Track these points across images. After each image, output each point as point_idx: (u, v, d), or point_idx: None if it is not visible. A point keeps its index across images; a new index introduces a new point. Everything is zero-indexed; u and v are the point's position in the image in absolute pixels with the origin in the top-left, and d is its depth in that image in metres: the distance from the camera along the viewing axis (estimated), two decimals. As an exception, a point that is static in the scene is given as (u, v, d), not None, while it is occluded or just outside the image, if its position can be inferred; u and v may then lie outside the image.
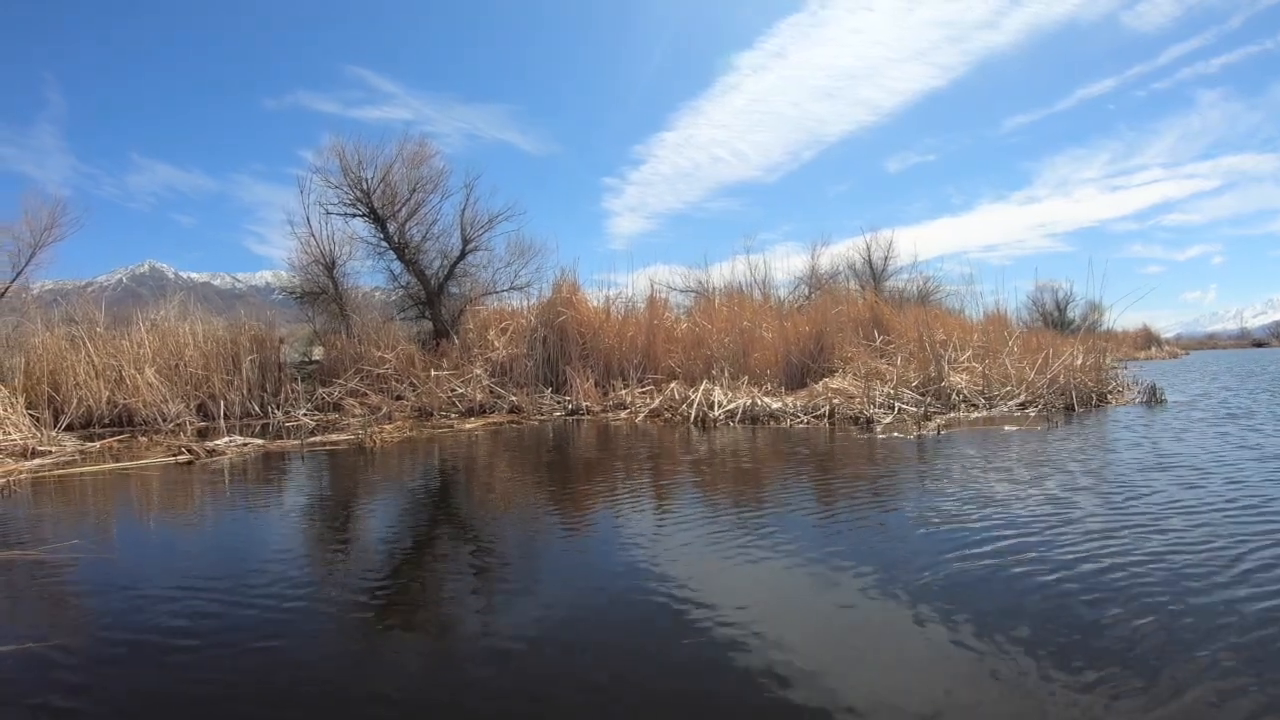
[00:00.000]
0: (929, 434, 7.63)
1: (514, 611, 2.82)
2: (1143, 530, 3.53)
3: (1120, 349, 31.23)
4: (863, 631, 2.49)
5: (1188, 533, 3.45)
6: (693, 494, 5.07)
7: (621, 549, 3.62)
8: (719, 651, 2.32)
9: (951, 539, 3.51)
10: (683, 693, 2.08)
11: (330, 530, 4.44)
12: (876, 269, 23.69)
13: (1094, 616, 2.50)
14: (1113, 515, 3.85)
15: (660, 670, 2.24)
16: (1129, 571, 2.94)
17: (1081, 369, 10.95)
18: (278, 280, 17.09)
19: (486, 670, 2.28)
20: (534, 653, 2.39)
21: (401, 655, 2.47)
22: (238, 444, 7.93)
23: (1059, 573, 2.96)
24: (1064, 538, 3.46)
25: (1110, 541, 3.37)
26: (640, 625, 2.61)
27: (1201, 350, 51.98)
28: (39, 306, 12.46)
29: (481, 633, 2.65)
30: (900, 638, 2.40)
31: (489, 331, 13.11)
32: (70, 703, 2.14)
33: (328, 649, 2.51)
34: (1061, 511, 3.97)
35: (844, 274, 22.20)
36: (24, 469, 6.49)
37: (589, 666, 2.29)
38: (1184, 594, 2.67)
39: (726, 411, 9.57)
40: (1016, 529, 3.65)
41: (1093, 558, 3.14)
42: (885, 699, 1.98)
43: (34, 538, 4.16)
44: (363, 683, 2.21)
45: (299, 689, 2.20)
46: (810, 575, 3.08)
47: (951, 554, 3.26)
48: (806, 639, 2.40)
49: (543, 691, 2.12)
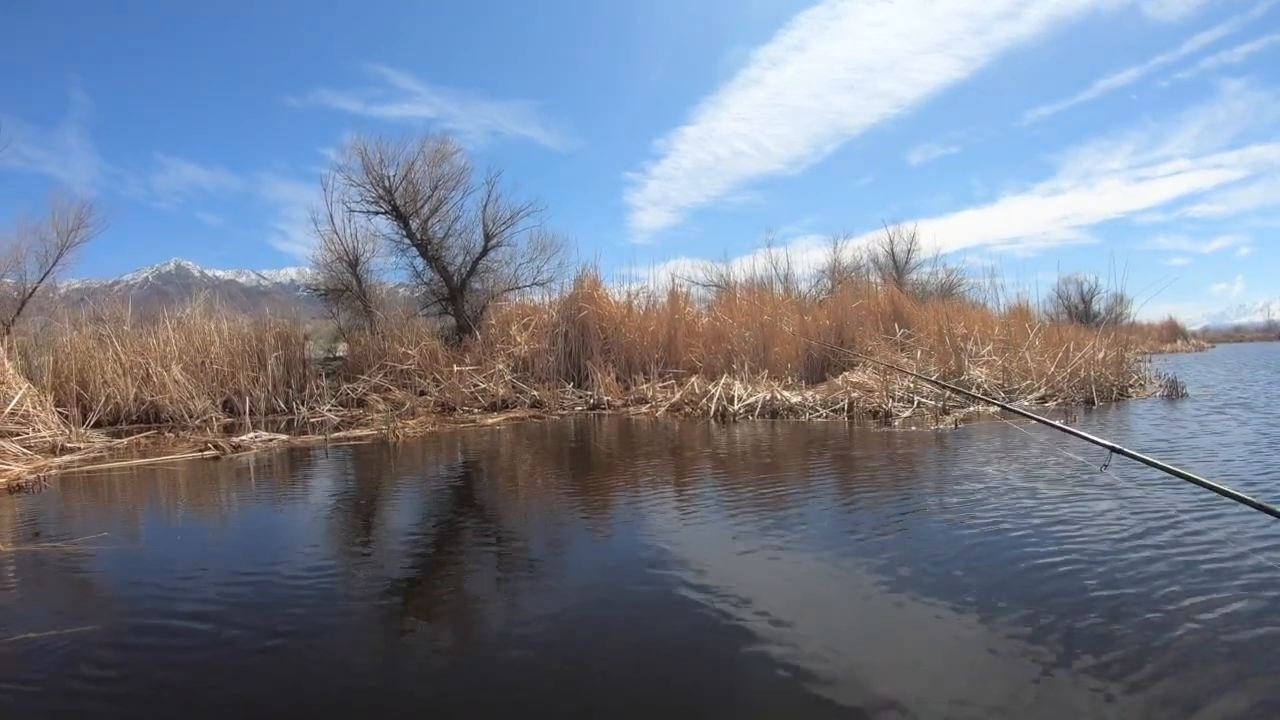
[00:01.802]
0: (947, 428, 7.52)
1: (539, 604, 2.81)
2: (1161, 526, 3.48)
3: (1145, 342, 30.49)
4: (885, 625, 2.48)
5: (1204, 531, 3.38)
6: (712, 487, 5.05)
7: (644, 542, 3.62)
8: (743, 643, 2.31)
9: (966, 533, 3.50)
10: (707, 682, 2.09)
11: (354, 523, 4.45)
12: (899, 262, 23.37)
13: (1113, 609, 2.48)
14: (1123, 509, 3.81)
15: (684, 661, 2.23)
16: (1148, 565, 2.92)
17: (1103, 363, 10.75)
18: (302, 277, 17.20)
19: (512, 663, 2.27)
20: (560, 644, 2.38)
21: (426, 648, 2.46)
22: (263, 439, 7.99)
23: (1076, 563, 2.96)
24: (1081, 531, 3.44)
25: (1132, 533, 3.35)
26: (664, 617, 2.60)
27: (1228, 343, 50.80)
28: (66, 306, 12.64)
29: (507, 625, 2.63)
30: (924, 633, 2.38)
31: (511, 327, 13.11)
32: (96, 690, 2.17)
33: (353, 642, 2.51)
34: (1076, 504, 3.95)
35: (866, 267, 21.95)
36: (53, 465, 6.57)
37: (615, 658, 2.29)
38: (1198, 588, 2.66)
39: (746, 406, 9.48)
40: (1029, 521, 3.64)
41: (1112, 549, 3.12)
42: (907, 691, 1.96)
43: (63, 531, 4.20)
44: (388, 675, 2.21)
45: (324, 681, 2.19)
46: (829, 568, 3.08)
47: (968, 547, 3.26)
48: (828, 632, 2.39)
49: (569, 683, 2.11)
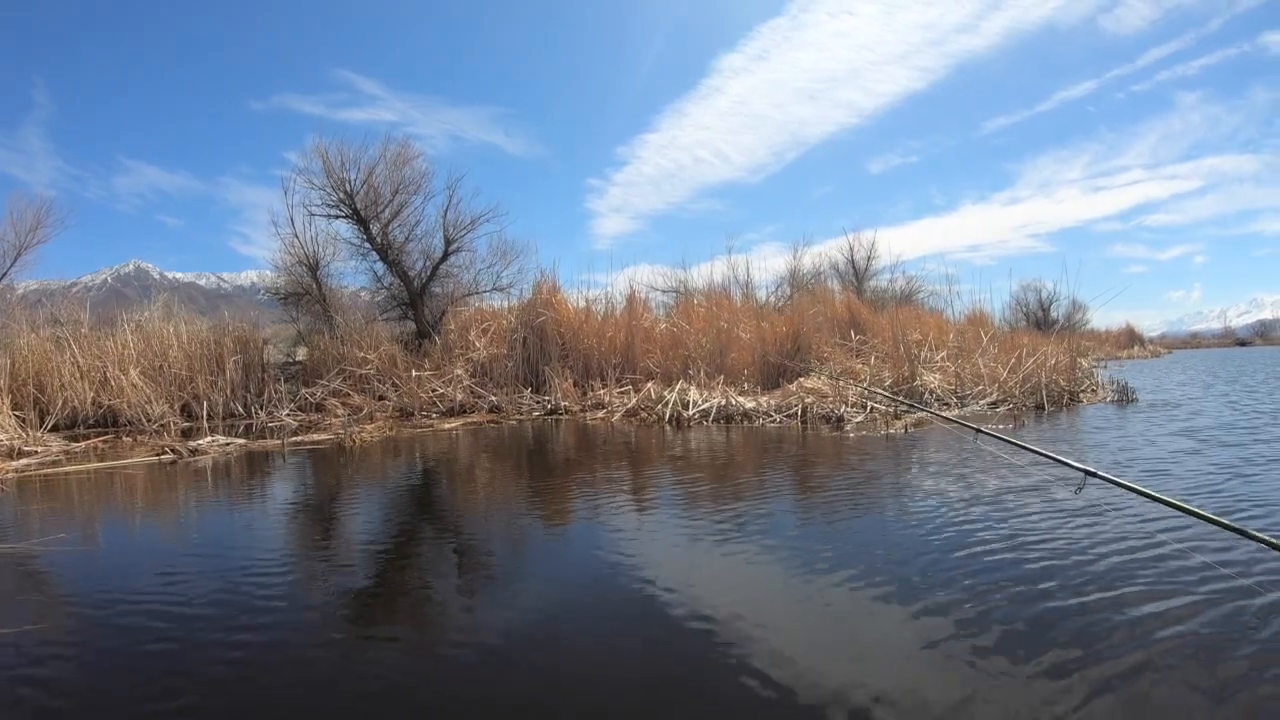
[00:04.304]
0: (898, 432, 7.91)
1: (497, 607, 2.87)
2: (1098, 518, 3.77)
3: (1103, 348, 31.74)
4: (839, 623, 2.59)
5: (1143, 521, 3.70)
6: (664, 490, 5.26)
7: (601, 545, 3.71)
8: (702, 645, 2.39)
9: (914, 531, 3.73)
10: (665, 685, 2.14)
11: (311, 527, 4.59)
12: (859, 269, 24.05)
13: (1055, 604, 2.64)
14: (1053, 509, 4.10)
15: (643, 663, 2.31)
16: (1089, 555, 3.16)
17: (1055, 369, 11.26)
18: (262, 280, 17.23)
19: (471, 665, 2.32)
20: (518, 647, 2.44)
21: (385, 651, 2.51)
22: (220, 444, 8.10)
23: (1019, 559, 3.16)
24: (1025, 526, 3.71)
25: (1071, 528, 3.60)
26: (622, 620, 2.69)
27: (1185, 349, 52.59)
28: (24, 307, 12.51)
29: (465, 628, 2.69)
30: (876, 629, 2.51)
31: (470, 332, 13.26)
32: (48, 690, 2.22)
33: (310, 644, 2.53)
34: (1015, 502, 4.26)
35: (827, 274, 22.51)
36: (10, 468, 6.63)
37: (574, 661, 2.34)
38: (1140, 578, 2.86)
39: (700, 411, 9.81)
40: (972, 518, 3.90)
41: (1051, 544, 3.35)
42: (863, 688, 2.04)
43: (20, 533, 4.33)
44: (346, 678, 2.25)
45: (281, 684, 2.22)
46: (782, 567, 3.22)
47: (914, 545, 3.46)
48: (783, 630, 2.48)
49: (527, 685, 2.17)
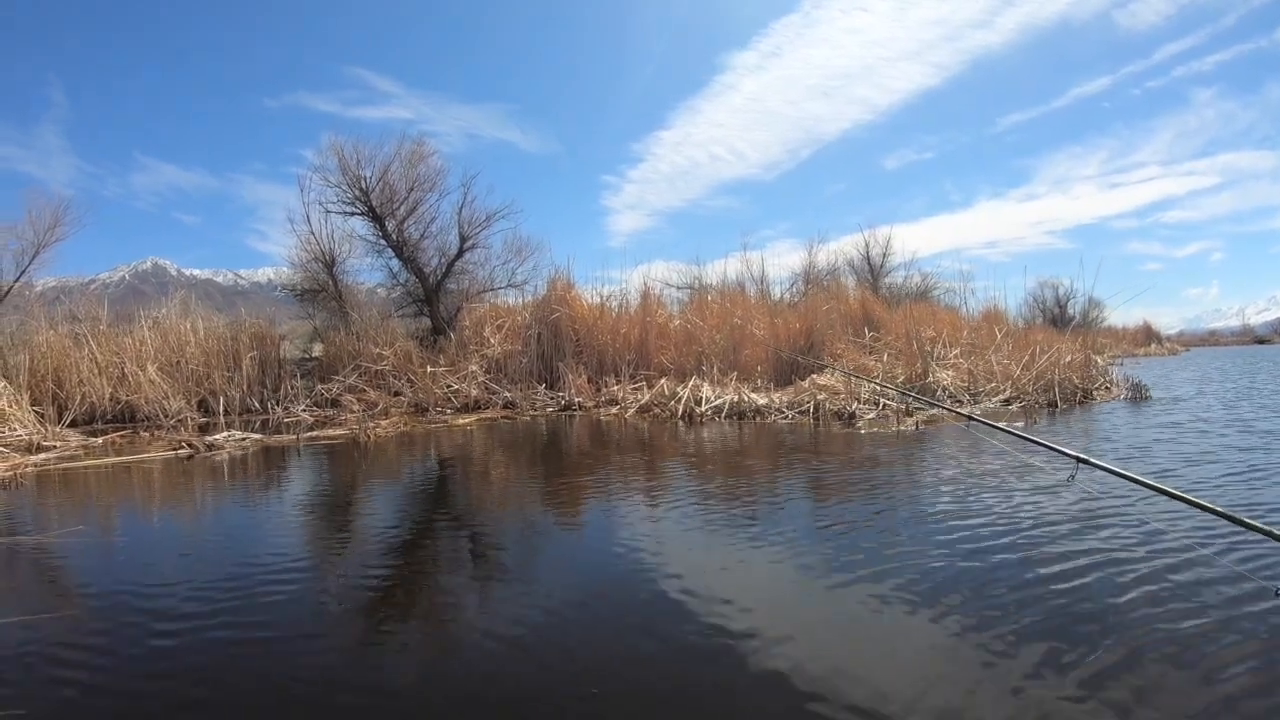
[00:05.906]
0: (909, 429, 7.82)
1: (511, 602, 2.87)
2: (1115, 521, 3.69)
3: (1120, 345, 31.32)
4: (850, 623, 2.57)
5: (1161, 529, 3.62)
6: (678, 488, 5.22)
7: (617, 544, 3.68)
8: (712, 641, 2.38)
9: (926, 530, 3.70)
10: (685, 690, 2.11)
11: (326, 522, 4.61)
12: (874, 266, 23.84)
13: (1066, 604, 2.61)
14: (1060, 506, 4.04)
15: (655, 658, 2.30)
16: (1107, 560, 3.09)
17: (1069, 366, 11.11)
18: (279, 277, 17.33)
19: (484, 660, 2.32)
20: (532, 641, 2.44)
21: (400, 645, 2.52)
22: (237, 439, 8.15)
23: (1031, 561, 3.11)
24: (1035, 528, 3.64)
25: (1083, 532, 3.52)
26: (634, 615, 2.69)
27: (1203, 347, 51.86)
28: (42, 304, 12.63)
29: (479, 623, 2.69)
30: (889, 629, 2.48)
31: (485, 328, 13.28)
32: (62, 677, 2.24)
33: (326, 639, 2.54)
34: (1029, 502, 4.17)
35: (842, 271, 22.34)
36: (29, 463, 6.70)
37: (586, 656, 2.33)
38: (1161, 580, 2.82)
39: (713, 407, 9.76)
40: (981, 518, 3.85)
41: (1063, 548, 3.28)
42: (874, 689, 2.03)
43: (39, 525, 4.37)
44: (361, 672, 2.26)
45: (296, 678, 2.23)
46: (799, 566, 3.20)
47: (927, 545, 3.42)
48: (802, 636, 2.45)
49: (540, 680, 2.17)
